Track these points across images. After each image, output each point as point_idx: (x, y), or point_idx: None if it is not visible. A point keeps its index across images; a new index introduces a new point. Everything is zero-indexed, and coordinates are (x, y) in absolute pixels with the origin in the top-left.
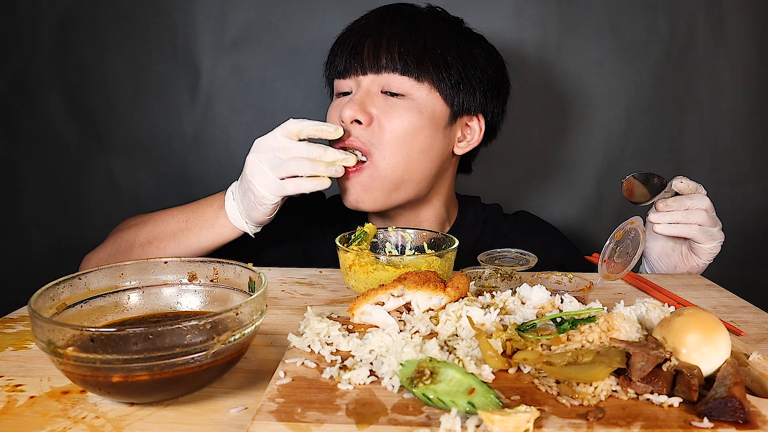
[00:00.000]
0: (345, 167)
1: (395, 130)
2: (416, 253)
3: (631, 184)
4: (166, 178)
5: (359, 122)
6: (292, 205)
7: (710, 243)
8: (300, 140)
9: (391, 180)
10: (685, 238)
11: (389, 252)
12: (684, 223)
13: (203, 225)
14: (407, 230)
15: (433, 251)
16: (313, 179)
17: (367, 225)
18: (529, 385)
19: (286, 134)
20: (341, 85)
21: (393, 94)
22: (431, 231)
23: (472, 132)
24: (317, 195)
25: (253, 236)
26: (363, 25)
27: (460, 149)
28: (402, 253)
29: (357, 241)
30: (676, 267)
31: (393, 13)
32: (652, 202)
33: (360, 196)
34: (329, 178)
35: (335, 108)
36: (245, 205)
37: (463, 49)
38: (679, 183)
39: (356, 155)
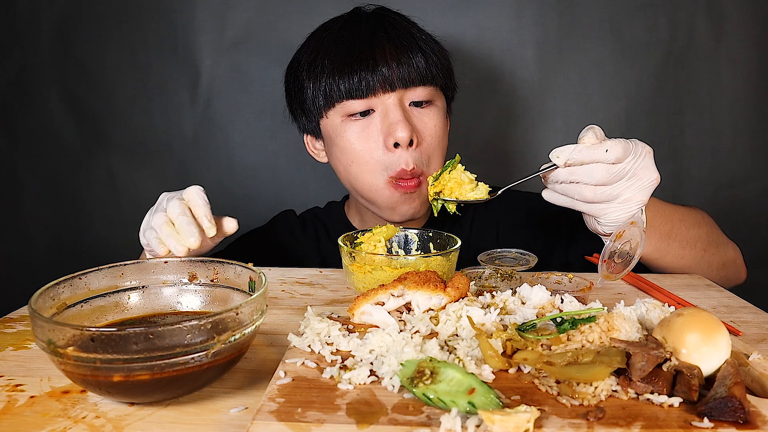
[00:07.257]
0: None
1: (437, 143)
2: (421, 252)
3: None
4: (165, 177)
5: (410, 143)
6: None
7: (604, 217)
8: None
9: None
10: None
11: (395, 252)
12: (569, 197)
13: None
14: (412, 230)
15: (438, 251)
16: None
17: (388, 225)
18: (529, 385)
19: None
20: (355, 105)
21: (418, 104)
22: (437, 231)
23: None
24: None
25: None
26: (354, 38)
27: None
28: (407, 253)
29: (368, 236)
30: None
31: (374, 20)
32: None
33: (418, 208)
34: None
35: (367, 129)
36: None
37: (429, 39)
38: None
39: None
